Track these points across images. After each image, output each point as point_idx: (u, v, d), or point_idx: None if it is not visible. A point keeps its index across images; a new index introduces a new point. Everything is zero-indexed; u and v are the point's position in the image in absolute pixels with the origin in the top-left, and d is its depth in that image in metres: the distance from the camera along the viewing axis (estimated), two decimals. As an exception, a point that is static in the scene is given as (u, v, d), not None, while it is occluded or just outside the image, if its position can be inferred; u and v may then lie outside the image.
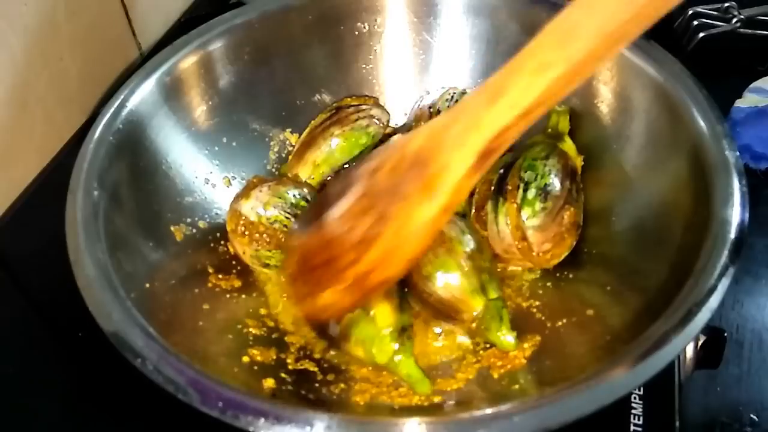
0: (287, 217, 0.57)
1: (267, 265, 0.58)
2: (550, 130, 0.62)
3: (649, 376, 0.39)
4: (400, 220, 0.45)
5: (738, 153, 0.49)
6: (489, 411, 0.39)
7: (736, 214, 0.47)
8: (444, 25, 0.67)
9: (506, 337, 0.52)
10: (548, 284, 0.57)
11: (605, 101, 0.61)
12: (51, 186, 0.69)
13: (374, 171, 0.48)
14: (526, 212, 0.55)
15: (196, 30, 0.63)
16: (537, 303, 0.56)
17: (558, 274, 0.58)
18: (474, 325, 0.53)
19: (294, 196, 0.58)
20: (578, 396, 0.38)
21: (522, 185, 0.56)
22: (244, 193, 0.59)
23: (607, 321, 0.50)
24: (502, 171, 0.58)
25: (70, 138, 0.75)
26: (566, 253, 0.57)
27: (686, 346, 0.41)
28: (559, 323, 0.53)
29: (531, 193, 0.56)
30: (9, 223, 0.68)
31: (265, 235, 0.57)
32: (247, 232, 0.57)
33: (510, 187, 0.56)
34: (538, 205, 0.55)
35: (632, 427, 0.51)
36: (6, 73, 0.65)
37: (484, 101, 0.41)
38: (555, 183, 0.56)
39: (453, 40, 0.67)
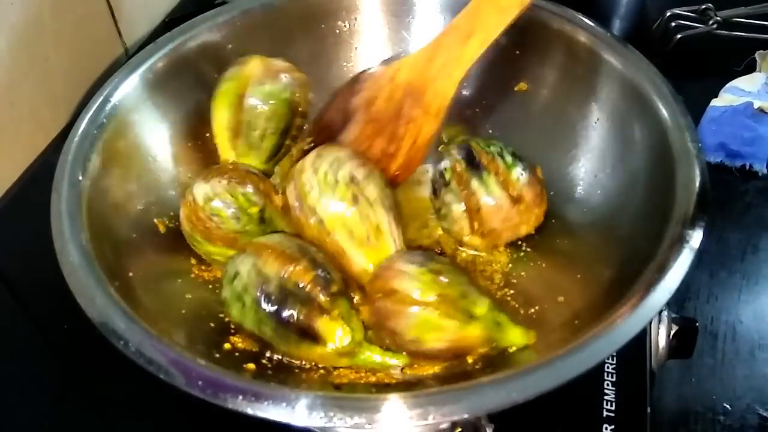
0: (228, 217, 0.56)
1: (194, 246, 0.58)
2: None
3: (611, 352, 0.41)
4: (413, 136, 0.58)
5: (700, 144, 0.51)
6: (464, 384, 0.40)
7: (696, 201, 0.48)
8: (421, 23, 0.68)
9: (517, 338, 0.50)
10: (522, 274, 0.58)
11: (575, 94, 0.63)
12: (37, 183, 0.69)
13: (370, 102, 0.59)
14: (515, 173, 0.58)
15: (179, 27, 0.64)
16: (511, 291, 0.57)
17: (531, 264, 0.59)
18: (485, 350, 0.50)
19: (248, 199, 0.57)
20: (546, 371, 0.40)
21: (496, 155, 0.58)
22: (207, 175, 0.58)
23: (576, 306, 0.51)
24: (461, 156, 0.59)
25: (56, 136, 0.76)
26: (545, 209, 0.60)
27: (645, 325, 0.42)
28: (532, 310, 0.54)
29: (509, 159, 0.58)
30: None
31: (201, 222, 0.56)
32: (191, 209, 0.57)
33: (485, 162, 0.58)
34: (519, 165, 0.58)
35: (605, 413, 0.53)
36: None
37: (459, 40, 0.55)
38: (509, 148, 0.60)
39: (430, 38, 0.68)
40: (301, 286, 0.51)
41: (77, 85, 0.78)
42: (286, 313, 0.50)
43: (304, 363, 0.52)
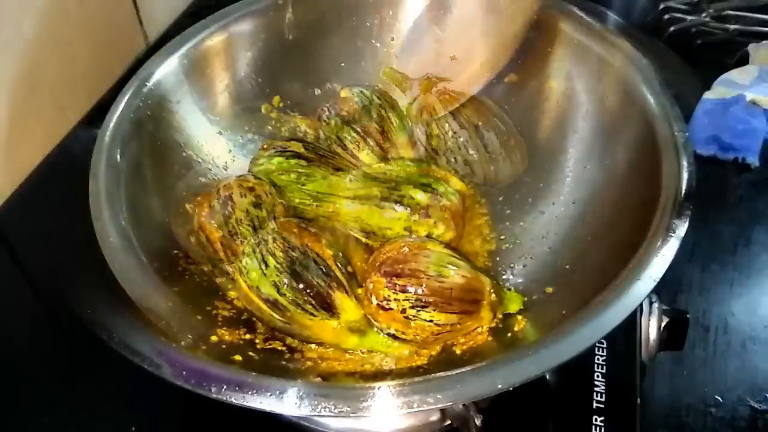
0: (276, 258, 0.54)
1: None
2: None
3: (595, 340, 0.41)
4: None
5: (687, 134, 0.51)
6: (450, 373, 0.40)
7: (682, 190, 0.48)
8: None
9: (515, 300, 0.53)
10: (511, 265, 0.58)
11: (564, 84, 0.63)
12: (57, 169, 0.69)
13: None
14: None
15: (213, 15, 0.65)
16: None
17: (520, 257, 0.59)
18: (494, 296, 0.53)
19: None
20: (530, 359, 0.40)
21: None
22: (236, 248, 0.56)
23: (563, 297, 0.51)
24: None
25: (77, 122, 0.75)
26: None
27: (630, 313, 0.42)
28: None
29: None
30: (14, 205, 0.69)
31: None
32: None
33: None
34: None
35: (595, 404, 0.53)
36: (17, 56, 0.66)
37: None
38: None
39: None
40: (322, 258, 0.53)
41: (98, 72, 0.78)
42: (308, 277, 0.51)
43: (293, 354, 0.52)
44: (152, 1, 0.84)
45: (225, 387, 0.39)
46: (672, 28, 0.86)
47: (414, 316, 0.51)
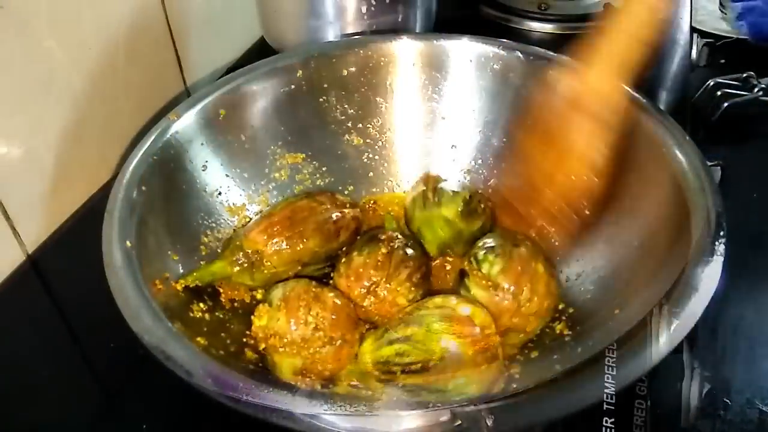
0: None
1: None
2: None
3: (610, 341, 0.44)
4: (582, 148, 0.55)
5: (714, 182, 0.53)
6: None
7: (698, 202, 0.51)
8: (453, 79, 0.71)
9: None
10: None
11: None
12: (96, 214, 0.70)
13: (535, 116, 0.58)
14: (484, 267, 0.57)
15: (233, 73, 0.67)
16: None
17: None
18: None
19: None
20: (543, 362, 0.40)
21: (471, 259, 0.59)
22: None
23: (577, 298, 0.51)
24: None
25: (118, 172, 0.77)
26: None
27: (643, 316, 0.43)
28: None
29: (480, 255, 0.58)
30: (54, 245, 0.70)
31: None
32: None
33: (467, 269, 0.59)
34: (490, 257, 0.58)
35: (605, 406, 0.53)
36: (66, 109, 0.69)
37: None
38: (489, 241, 0.60)
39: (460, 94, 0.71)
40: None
41: (142, 127, 0.80)
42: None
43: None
44: (196, 62, 0.88)
45: (241, 385, 0.40)
46: (726, 104, 0.85)
47: (438, 330, 0.51)
